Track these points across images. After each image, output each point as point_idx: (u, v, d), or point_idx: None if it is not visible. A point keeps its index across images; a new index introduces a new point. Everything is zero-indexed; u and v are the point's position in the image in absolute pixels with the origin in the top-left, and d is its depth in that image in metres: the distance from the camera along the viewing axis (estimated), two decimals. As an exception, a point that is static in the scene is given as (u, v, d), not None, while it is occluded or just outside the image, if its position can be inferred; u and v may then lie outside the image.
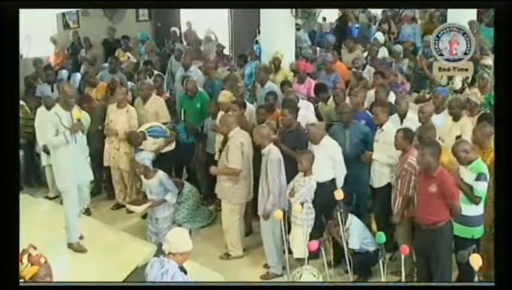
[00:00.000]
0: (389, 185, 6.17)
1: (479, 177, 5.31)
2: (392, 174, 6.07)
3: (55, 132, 6.01)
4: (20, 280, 3.74)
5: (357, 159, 6.47)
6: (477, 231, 5.43)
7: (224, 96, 7.58)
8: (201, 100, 8.16)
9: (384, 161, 6.24)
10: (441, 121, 6.75)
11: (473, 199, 5.35)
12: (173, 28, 13.38)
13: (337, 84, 8.90)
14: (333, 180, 6.27)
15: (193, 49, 11.66)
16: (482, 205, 5.43)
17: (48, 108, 7.97)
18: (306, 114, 7.15)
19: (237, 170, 6.38)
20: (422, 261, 5.42)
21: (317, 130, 6.34)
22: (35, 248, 3.91)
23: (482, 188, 5.33)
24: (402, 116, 6.86)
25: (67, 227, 6.30)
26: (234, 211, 6.60)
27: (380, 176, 6.32)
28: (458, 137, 6.28)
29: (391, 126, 6.30)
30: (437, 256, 5.28)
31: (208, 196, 7.93)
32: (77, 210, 6.36)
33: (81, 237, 6.39)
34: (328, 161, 6.23)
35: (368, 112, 7.17)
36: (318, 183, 6.15)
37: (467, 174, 5.40)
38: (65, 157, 6.12)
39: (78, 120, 6.12)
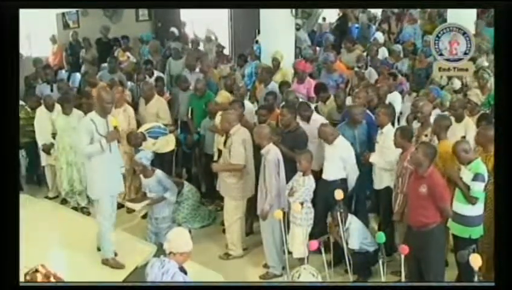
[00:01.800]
0: (387, 188, 6.20)
1: (476, 177, 5.32)
2: (392, 178, 6.08)
3: (90, 140, 5.65)
4: None
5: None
6: (475, 231, 5.43)
7: (223, 96, 7.58)
8: (208, 100, 8.14)
9: (381, 166, 6.26)
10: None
11: (469, 199, 5.36)
12: (172, 28, 13.40)
13: (341, 84, 8.91)
14: (344, 180, 6.29)
15: (192, 49, 11.66)
16: (481, 205, 5.43)
17: (48, 108, 8.02)
18: (318, 117, 7.10)
19: (241, 166, 6.38)
20: (414, 262, 5.35)
21: (330, 130, 6.37)
22: (43, 266, 3.92)
23: (478, 188, 5.33)
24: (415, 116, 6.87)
25: (101, 241, 5.96)
26: (238, 209, 6.60)
27: (380, 178, 6.35)
28: (463, 138, 6.28)
29: (390, 130, 6.28)
30: (427, 258, 5.27)
31: (208, 195, 7.94)
32: (111, 222, 5.98)
33: (116, 254, 6.03)
34: (339, 161, 6.26)
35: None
36: (327, 182, 6.23)
37: (466, 174, 5.41)
38: (98, 166, 5.73)
39: (115, 128, 5.79)
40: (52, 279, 3.93)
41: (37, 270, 4.22)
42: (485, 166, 5.40)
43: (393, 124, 6.70)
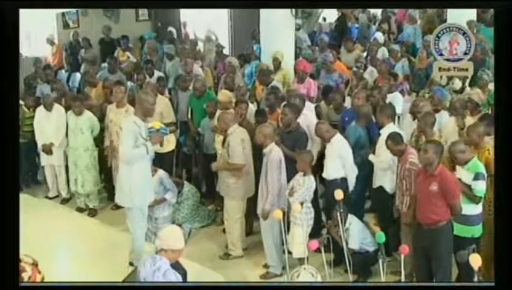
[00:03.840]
0: (380, 188, 6.23)
1: (477, 176, 5.32)
2: (387, 178, 6.12)
3: (134, 143, 5.43)
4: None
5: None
6: (477, 230, 5.43)
7: (224, 95, 7.58)
8: (208, 100, 8.14)
9: (377, 165, 6.28)
10: (440, 120, 6.76)
11: (473, 199, 5.35)
12: (169, 28, 13.40)
13: (340, 85, 8.91)
14: (344, 179, 6.28)
15: (189, 50, 11.65)
16: (480, 204, 5.44)
17: (46, 107, 8.02)
18: (307, 113, 7.13)
19: (240, 165, 6.38)
20: (423, 261, 5.37)
21: (325, 127, 6.39)
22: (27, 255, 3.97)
23: (481, 187, 5.33)
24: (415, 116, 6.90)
25: (134, 248, 5.79)
26: (238, 208, 6.60)
27: (376, 178, 6.36)
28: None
29: (388, 130, 6.21)
30: (438, 256, 5.26)
31: (208, 195, 7.94)
32: (144, 229, 5.85)
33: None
34: (338, 159, 6.27)
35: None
36: (328, 181, 6.25)
37: (465, 174, 5.40)
38: (138, 172, 5.52)
39: (158, 130, 5.64)
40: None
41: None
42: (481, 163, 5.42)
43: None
